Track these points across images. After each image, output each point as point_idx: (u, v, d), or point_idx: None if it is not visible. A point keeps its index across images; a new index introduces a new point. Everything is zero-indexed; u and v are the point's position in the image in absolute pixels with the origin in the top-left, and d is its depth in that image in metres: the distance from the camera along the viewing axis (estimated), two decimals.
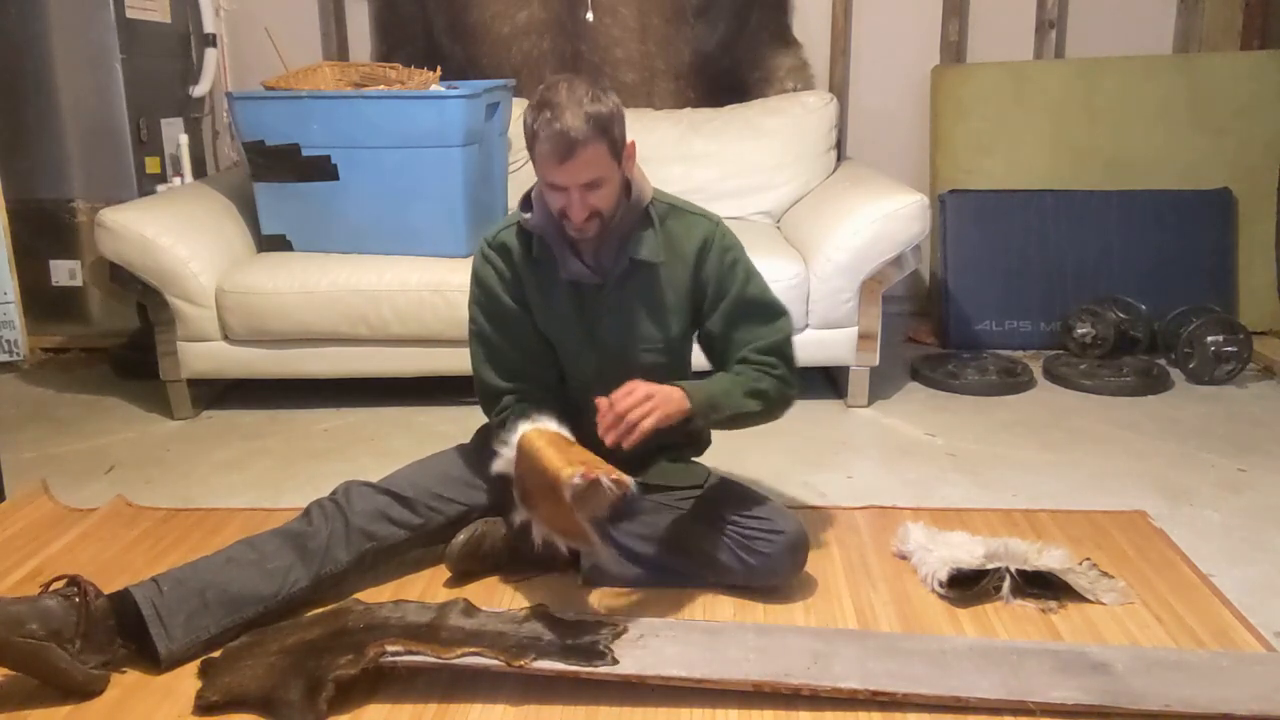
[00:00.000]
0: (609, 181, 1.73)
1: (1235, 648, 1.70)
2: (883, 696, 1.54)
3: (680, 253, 1.86)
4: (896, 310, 3.72)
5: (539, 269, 1.86)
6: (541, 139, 1.67)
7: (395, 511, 1.87)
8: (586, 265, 1.83)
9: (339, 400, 2.98)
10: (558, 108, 1.65)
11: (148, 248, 2.78)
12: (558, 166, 1.67)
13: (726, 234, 1.89)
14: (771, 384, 1.83)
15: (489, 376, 1.90)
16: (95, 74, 3.24)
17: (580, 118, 1.65)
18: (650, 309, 1.87)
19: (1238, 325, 3.15)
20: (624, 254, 1.83)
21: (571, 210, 1.72)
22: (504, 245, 1.88)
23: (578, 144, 1.65)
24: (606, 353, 1.88)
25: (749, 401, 1.80)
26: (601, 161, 1.69)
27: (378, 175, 2.90)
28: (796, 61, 3.68)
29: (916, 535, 2.00)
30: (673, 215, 1.88)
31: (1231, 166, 3.49)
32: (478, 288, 1.90)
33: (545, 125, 1.66)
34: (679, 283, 1.86)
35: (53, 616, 1.55)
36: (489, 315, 1.89)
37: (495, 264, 1.88)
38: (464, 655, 1.58)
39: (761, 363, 1.83)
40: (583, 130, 1.65)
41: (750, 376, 1.82)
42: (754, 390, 1.81)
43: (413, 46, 3.67)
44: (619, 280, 1.85)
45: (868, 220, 2.83)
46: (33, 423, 2.91)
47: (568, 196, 1.71)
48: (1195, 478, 2.42)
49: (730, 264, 1.86)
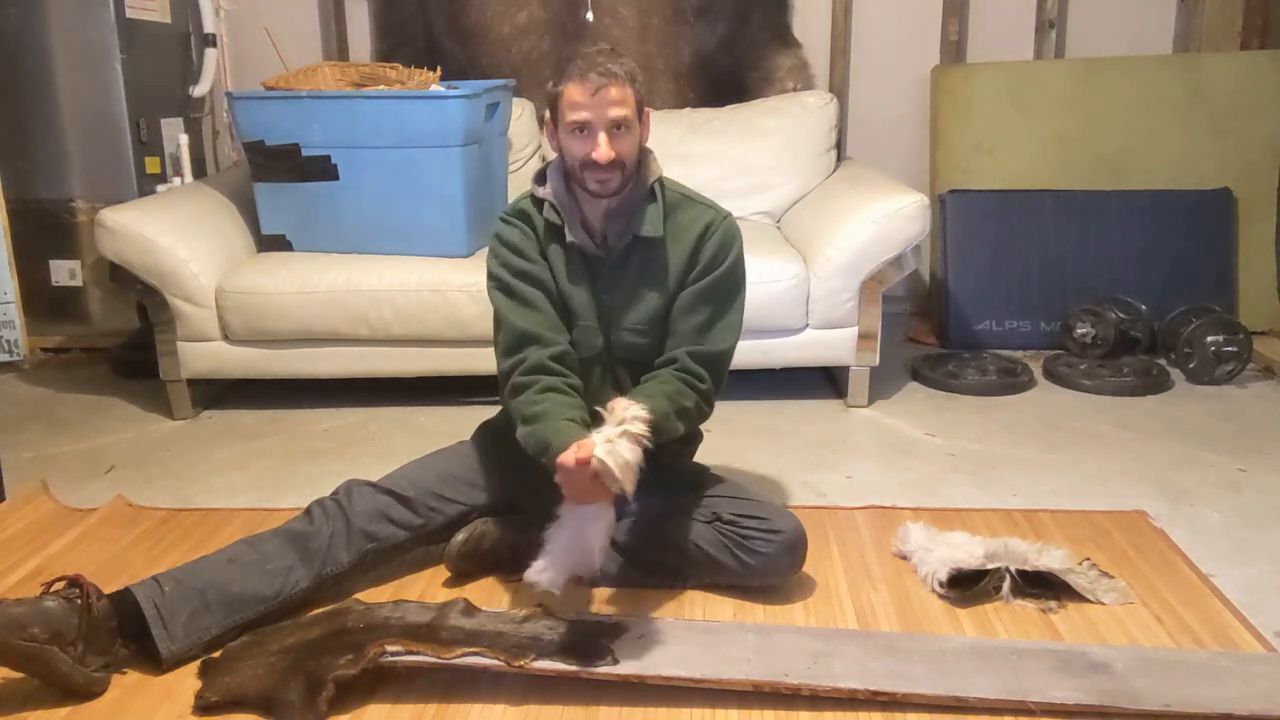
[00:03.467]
0: (633, 131, 1.77)
1: (1235, 648, 1.70)
2: (882, 696, 1.54)
3: (683, 238, 1.87)
4: (896, 310, 3.72)
5: (552, 234, 1.87)
6: (572, 76, 1.73)
7: (396, 512, 1.87)
8: (593, 240, 1.85)
9: (339, 400, 2.98)
10: (588, 55, 1.75)
11: (148, 248, 2.78)
12: (590, 97, 1.72)
13: (731, 226, 1.89)
14: (695, 402, 1.81)
15: (519, 321, 1.83)
16: (95, 74, 3.24)
17: (612, 59, 1.75)
18: (647, 283, 1.87)
19: (1238, 325, 3.15)
20: (628, 230, 1.84)
21: (598, 152, 1.74)
22: (523, 212, 1.90)
23: (612, 77, 1.72)
24: (610, 329, 1.89)
25: (671, 422, 1.75)
26: (629, 104, 1.75)
27: (378, 175, 2.90)
28: (796, 61, 3.68)
29: (916, 535, 2.00)
30: (684, 205, 1.89)
31: (1231, 166, 3.49)
32: (502, 245, 1.88)
33: (576, 63, 1.74)
34: (676, 266, 1.87)
35: (54, 619, 1.55)
36: (516, 272, 1.86)
37: (519, 227, 1.89)
38: (464, 655, 1.59)
39: (691, 374, 1.81)
40: (615, 69, 1.73)
41: (676, 391, 1.78)
42: (681, 409, 1.77)
43: (413, 46, 3.67)
44: (621, 255, 1.86)
45: (868, 220, 2.83)
46: (33, 423, 2.91)
47: (593, 139, 1.74)
48: (1195, 478, 2.42)
49: (723, 255, 1.86)
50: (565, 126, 1.77)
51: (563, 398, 1.75)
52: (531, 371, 1.79)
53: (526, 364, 1.80)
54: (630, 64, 1.78)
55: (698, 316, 1.85)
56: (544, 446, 1.68)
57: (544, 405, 1.74)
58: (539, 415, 1.73)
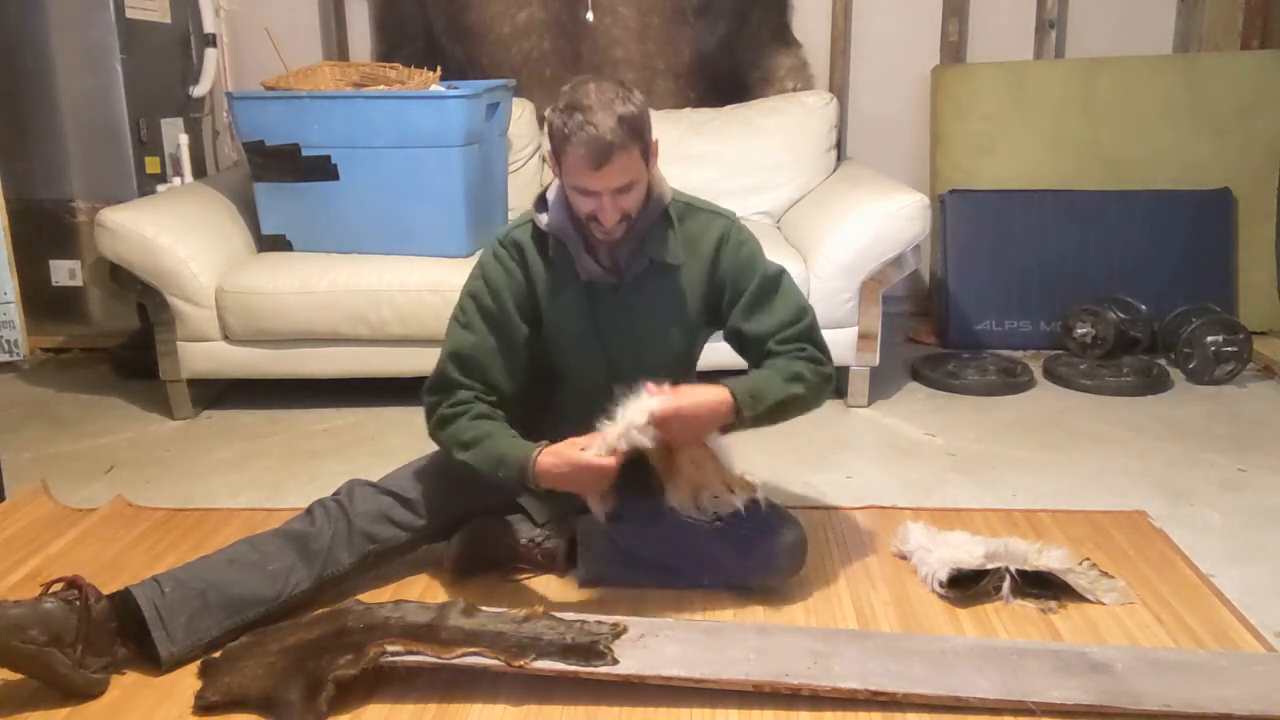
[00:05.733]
0: (639, 184, 1.72)
1: (1235, 648, 1.70)
2: (882, 696, 1.54)
3: (697, 253, 1.84)
4: (896, 310, 3.72)
5: (553, 269, 1.83)
6: (574, 144, 1.64)
7: (397, 513, 1.86)
8: (603, 266, 1.82)
9: (339, 400, 2.98)
10: (589, 111, 1.63)
11: (148, 248, 2.78)
12: (593, 173, 1.65)
13: (741, 229, 1.88)
14: (805, 366, 1.79)
15: (453, 371, 1.80)
16: (95, 74, 3.24)
17: (614, 122, 1.63)
18: (665, 310, 1.85)
19: (1238, 325, 3.15)
20: (642, 254, 1.81)
21: (603, 215, 1.70)
22: (517, 244, 1.84)
23: (614, 149, 1.63)
24: (617, 358, 1.86)
25: (790, 386, 1.76)
26: (634, 166, 1.68)
27: (378, 175, 2.90)
28: (796, 61, 3.68)
29: (916, 535, 2.00)
30: (689, 214, 1.86)
31: (1231, 166, 3.49)
32: (484, 285, 1.84)
33: (578, 130, 1.63)
34: (695, 283, 1.85)
35: (53, 621, 1.55)
36: (485, 314, 1.82)
37: (506, 264, 1.83)
38: (464, 655, 1.59)
39: (789, 350, 1.81)
40: (618, 135, 1.63)
41: (782, 363, 1.79)
42: (791, 374, 1.77)
43: (413, 46, 3.67)
44: (636, 281, 1.83)
45: (868, 220, 2.83)
46: (33, 423, 2.91)
47: (599, 201, 1.69)
48: (1195, 478, 2.42)
49: (747, 258, 1.85)
50: (568, 182, 1.72)
51: (498, 425, 1.77)
52: (458, 404, 1.79)
53: (452, 399, 1.79)
54: (632, 105, 1.66)
55: (767, 318, 1.82)
56: (497, 460, 1.72)
57: (483, 428, 1.76)
58: (479, 438, 1.75)
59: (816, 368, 1.82)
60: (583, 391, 1.87)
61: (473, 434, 1.76)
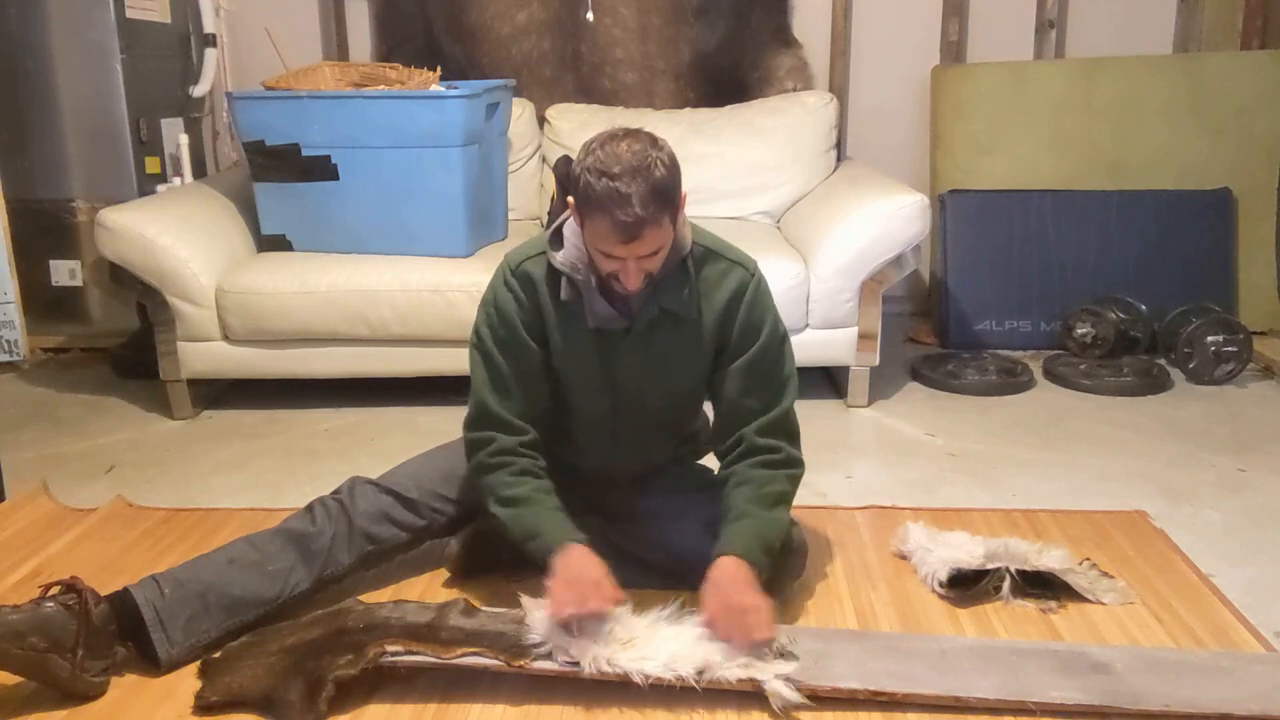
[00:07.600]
0: (666, 247, 1.66)
1: (1235, 648, 1.70)
2: (883, 696, 1.54)
3: (711, 303, 1.78)
4: (896, 310, 3.72)
5: (563, 309, 1.78)
6: (602, 214, 1.58)
7: (398, 513, 1.86)
8: (615, 308, 1.76)
9: (339, 400, 2.98)
10: (620, 180, 1.55)
11: (148, 248, 2.78)
12: (621, 246, 1.60)
13: (759, 285, 1.80)
14: (785, 481, 1.77)
15: (491, 402, 1.79)
16: (95, 74, 3.24)
17: (646, 192, 1.56)
18: (673, 357, 1.80)
19: (1238, 325, 3.15)
20: (654, 301, 1.75)
21: (627, 279, 1.65)
22: (528, 276, 1.77)
23: (644, 225, 1.57)
24: (622, 396, 1.83)
25: (780, 515, 1.75)
26: (663, 235, 1.63)
27: (378, 175, 2.90)
28: (796, 61, 3.68)
29: (916, 535, 2.00)
30: (709, 260, 1.79)
31: (1231, 166, 3.49)
32: (496, 314, 1.79)
33: (607, 198, 1.56)
34: (705, 332, 1.79)
35: (52, 626, 1.55)
36: (500, 342, 1.78)
37: (516, 294, 1.77)
38: (464, 655, 1.59)
39: (765, 450, 1.77)
40: (649, 210, 1.56)
41: (763, 482, 1.75)
42: (776, 498, 1.75)
43: (413, 46, 3.67)
44: (646, 327, 1.78)
45: (868, 220, 2.83)
46: (33, 423, 2.91)
47: (623, 265, 1.63)
48: (1195, 478, 2.42)
49: (757, 320, 1.79)
50: (592, 244, 1.66)
51: (540, 483, 1.77)
52: (501, 454, 1.77)
53: (495, 447, 1.77)
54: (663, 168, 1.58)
55: (752, 395, 1.78)
56: (533, 534, 1.71)
57: (524, 489, 1.75)
58: (520, 500, 1.74)
59: (792, 473, 1.80)
60: (588, 421, 1.86)
61: (512, 493, 1.74)
